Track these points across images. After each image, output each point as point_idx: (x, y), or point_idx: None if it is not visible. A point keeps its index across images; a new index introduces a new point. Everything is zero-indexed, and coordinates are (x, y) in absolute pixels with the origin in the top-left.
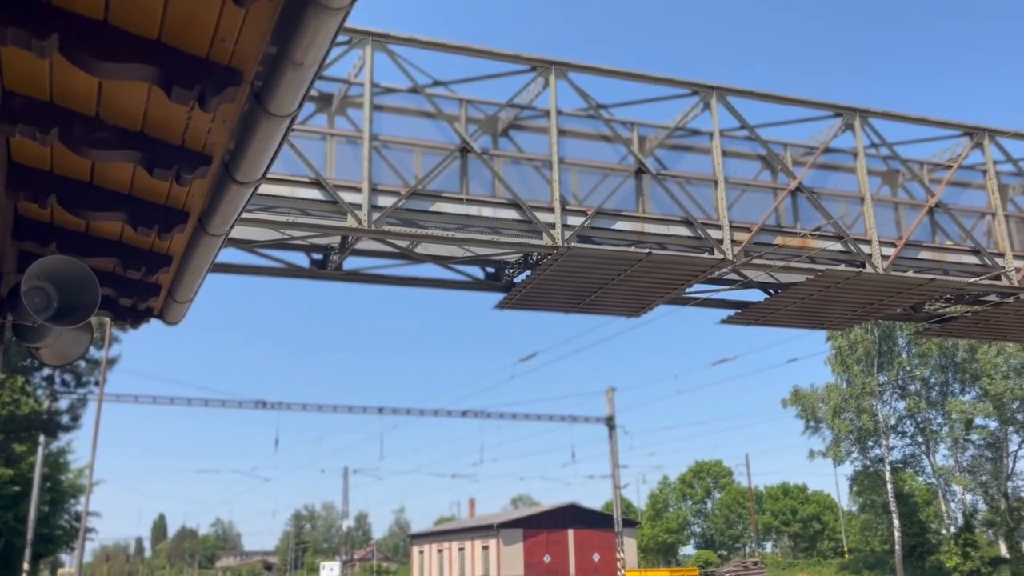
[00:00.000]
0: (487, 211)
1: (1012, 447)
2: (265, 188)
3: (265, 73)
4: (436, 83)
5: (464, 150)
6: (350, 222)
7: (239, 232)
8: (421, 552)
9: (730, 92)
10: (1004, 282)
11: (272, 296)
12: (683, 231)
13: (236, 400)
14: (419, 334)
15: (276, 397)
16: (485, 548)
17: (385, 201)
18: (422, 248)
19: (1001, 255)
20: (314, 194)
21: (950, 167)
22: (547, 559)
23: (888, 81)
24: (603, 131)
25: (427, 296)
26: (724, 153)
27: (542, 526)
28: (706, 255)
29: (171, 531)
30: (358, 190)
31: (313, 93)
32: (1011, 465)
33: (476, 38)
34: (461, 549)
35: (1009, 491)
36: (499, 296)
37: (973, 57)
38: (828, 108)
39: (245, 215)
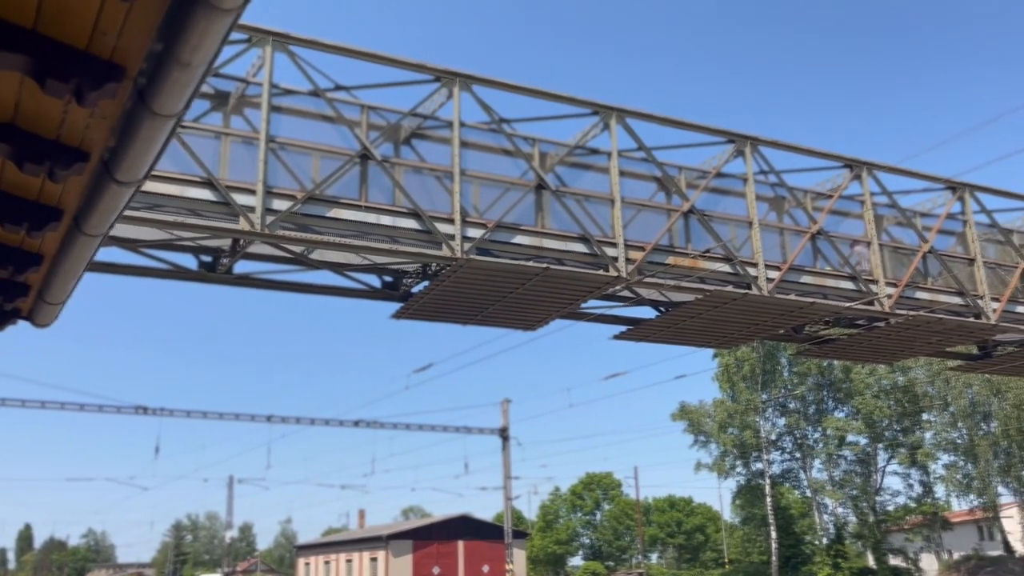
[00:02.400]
0: (386, 219)
1: (880, 463)
2: (153, 186)
3: (150, 71)
4: (338, 87)
5: (364, 156)
6: (242, 225)
7: (123, 231)
8: (307, 564)
9: (629, 114)
10: (877, 307)
11: (157, 298)
12: (580, 247)
13: (114, 405)
14: (312, 342)
15: (158, 403)
16: (374, 560)
17: (280, 205)
18: (317, 254)
19: (875, 282)
20: (205, 194)
21: (831, 196)
22: (436, 571)
23: (777, 112)
24: (505, 145)
25: (321, 303)
26: (622, 173)
27: (432, 537)
28: (601, 272)
29: (38, 542)
30: (252, 192)
31: (208, 90)
32: (879, 480)
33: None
34: (349, 561)
35: (877, 505)
36: (396, 306)
37: (854, 94)
38: (721, 135)
39: (130, 213)
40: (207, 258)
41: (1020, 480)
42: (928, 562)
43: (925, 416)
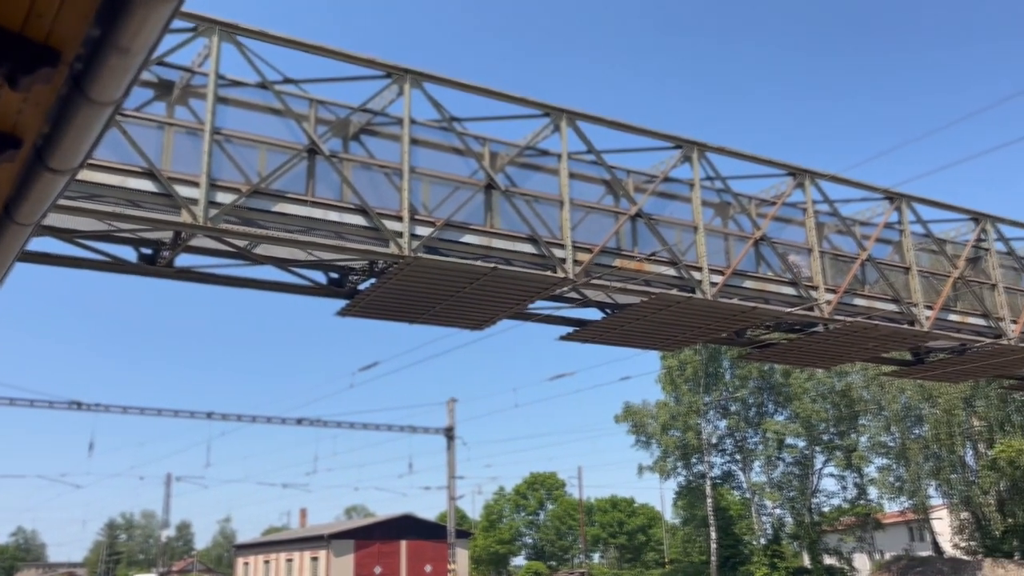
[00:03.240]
0: (333, 215)
1: (817, 465)
2: (91, 175)
3: (87, 56)
4: (286, 80)
5: (312, 151)
6: (184, 217)
7: (58, 220)
8: (246, 563)
9: (580, 117)
10: (816, 313)
11: (94, 291)
12: (528, 248)
13: (47, 400)
14: (254, 338)
15: (93, 398)
16: (314, 559)
17: (224, 198)
18: (262, 249)
19: (815, 288)
20: (146, 185)
21: (775, 203)
22: (378, 570)
23: (723, 118)
24: (456, 144)
25: (265, 299)
26: (571, 175)
27: (375, 537)
28: (549, 273)
29: None
30: (195, 184)
31: (152, 79)
32: (816, 482)
33: (334, 41)
34: (289, 560)
35: (813, 506)
36: (341, 303)
37: (799, 103)
38: (669, 140)
39: (66, 203)
40: (147, 250)
41: (949, 483)
42: (861, 562)
43: (861, 420)
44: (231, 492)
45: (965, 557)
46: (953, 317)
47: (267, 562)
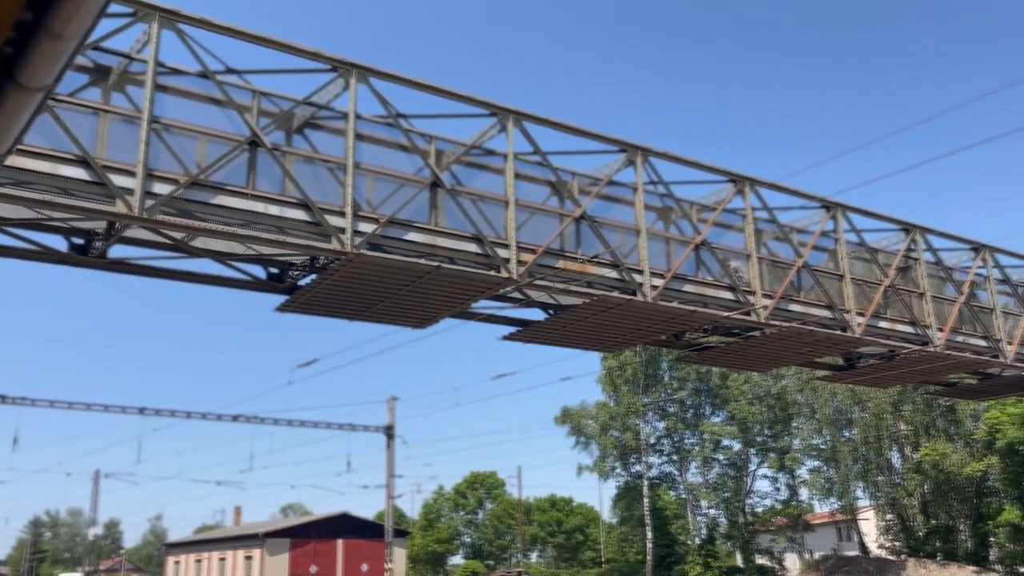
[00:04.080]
0: (274, 209)
1: (751, 466)
2: (20, 161)
3: (18, 41)
4: (229, 70)
5: (254, 143)
6: (119, 207)
7: None
8: (177, 562)
9: (527, 118)
10: (753, 317)
11: (21, 280)
12: (473, 248)
13: None
14: (190, 332)
15: (18, 391)
16: (248, 558)
17: (161, 188)
18: (199, 242)
19: (753, 293)
20: (79, 173)
21: (715, 209)
22: (314, 569)
23: (667, 124)
24: (401, 140)
25: (201, 293)
26: (517, 176)
27: (311, 536)
28: (493, 273)
29: None
30: (131, 174)
31: (87, 64)
32: (749, 483)
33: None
34: (222, 559)
35: (746, 507)
36: (281, 298)
37: (742, 110)
38: (614, 143)
39: None
40: (79, 240)
41: (876, 485)
42: (791, 561)
43: (794, 423)
44: (163, 489)
45: (890, 557)
46: (883, 324)
47: (199, 561)
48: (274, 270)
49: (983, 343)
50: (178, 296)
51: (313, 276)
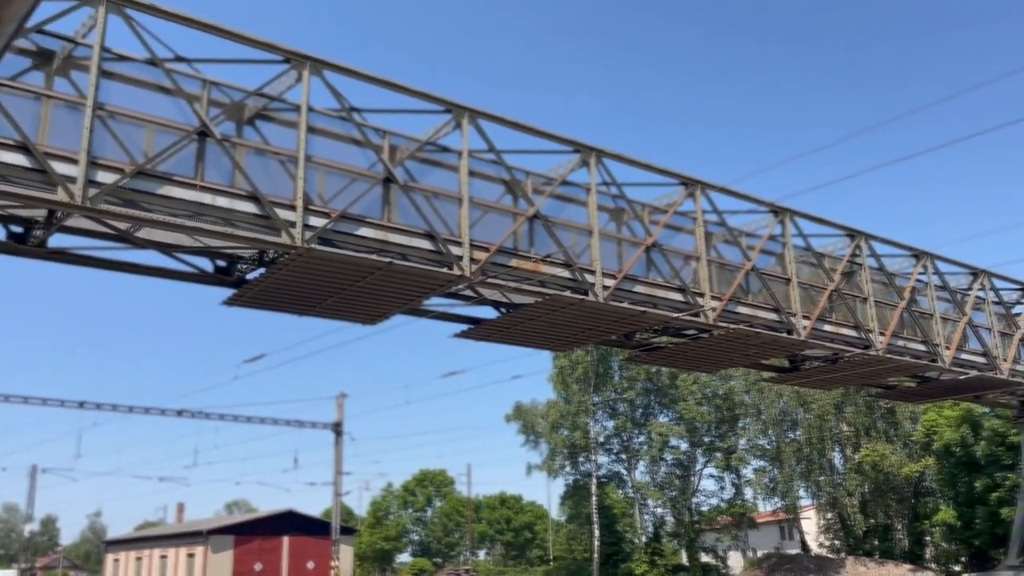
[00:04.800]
0: (223, 201)
1: (698, 466)
2: None
3: None
4: (178, 58)
5: (203, 134)
6: (60, 195)
7: None
8: (116, 560)
9: (482, 115)
10: (702, 319)
11: None
12: (425, 244)
13: None
14: (133, 325)
15: None
16: (191, 556)
17: (106, 177)
18: (144, 232)
19: (702, 295)
20: (19, 159)
21: (667, 211)
22: (258, 567)
23: (623, 126)
24: (355, 135)
25: (145, 285)
26: (471, 173)
27: (256, 533)
28: (445, 270)
29: None
30: (74, 161)
31: (29, 47)
32: (696, 482)
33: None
34: (164, 557)
35: (692, 506)
36: (228, 292)
37: (692, 115)
38: (569, 144)
39: None
40: (17, 228)
41: (818, 485)
42: (735, 559)
43: (740, 423)
44: (103, 485)
45: (830, 555)
46: (828, 327)
47: (139, 559)
48: (222, 263)
49: (922, 347)
50: (121, 288)
51: (262, 270)
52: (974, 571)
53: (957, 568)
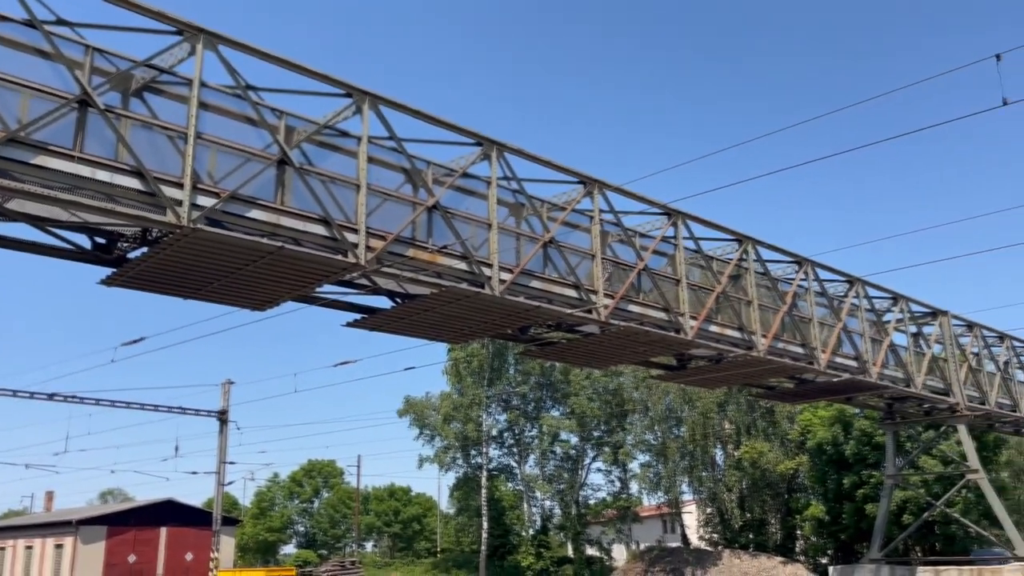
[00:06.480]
0: (103, 175)
1: (587, 460)
2: None
3: None
4: (60, 21)
5: (84, 102)
6: None
7: None
8: None
9: (384, 102)
10: (595, 316)
11: None
12: (320, 230)
13: None
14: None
15: None
16: (59, 546)
17: None
18: (16, 205)
19: (595, 292)
20: None
21: (565, 209)
22: (132, 559)
23: (528, 127)
24: (249, 113)
25: (15, 260)
26: (370, 160)
27: (131, 523)
28: (340, 257)
29: None
30: None
31: None
32: (584, 476)
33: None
34: (29, 547)
35: (580, 499)
36: (107, 270)
37: (592, 115)
38: (471, 136)
39: None
40: None
41: (700, 480)
42: (619, 552)
43: (629, 419)
44: None
45: (708, 548)
46: (714, 328)
47: (2, 549)
48: (101, 240)
49: (800, 350)
50: None
51: (144, 249)
52: (839, 563)
53: (824, 560)
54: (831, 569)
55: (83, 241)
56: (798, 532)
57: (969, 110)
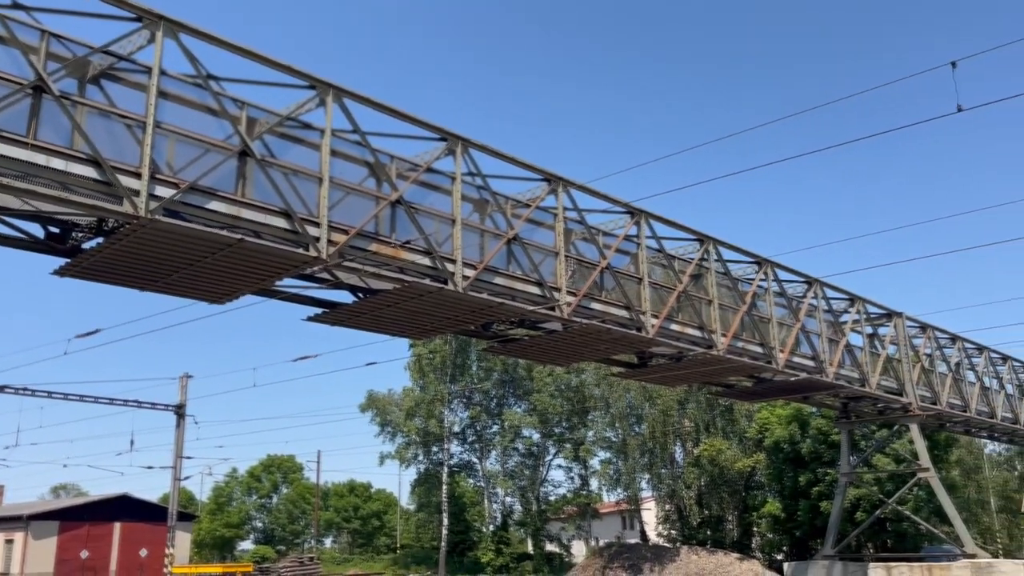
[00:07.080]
0: (58, 163)
1: (548, 456)
2: None
3: None
4: (16, 5)
5: (39, 88)
6: None
7: None
8: None
9: (347, 94)
10: (557, 313)
11: None
12: (281, 223)
13: None
14: None
15: None
16: (9, 542)
17: None
18: None
19: (558, 289)
20: None
21: (529, 206)
22: (85, 555)
23: (495, 124)
24: (210, 103)
25: None
26: (333, 153)
27: (84, 518)
28: (301, 251)
29: None
30: None
31: None
32: (545, 472)
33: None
34: None
35: (541, 495)
36: (61, 261)
37: (556, 115)
38: (436, 131)
39: None
40: None
41: (659, 477)
42: (578, 548)
43: (590, 416)
44: None
45: (666, 544)
46: (674, 327)
47: None
48: (54, 229)
49: (759, 349)
50: None
51: (100, 240)
52: (794, 560)
53: (779, 557)
54: (786, 565)
55: (36, 230)
56: (755, 529)
57: (926, 116)
